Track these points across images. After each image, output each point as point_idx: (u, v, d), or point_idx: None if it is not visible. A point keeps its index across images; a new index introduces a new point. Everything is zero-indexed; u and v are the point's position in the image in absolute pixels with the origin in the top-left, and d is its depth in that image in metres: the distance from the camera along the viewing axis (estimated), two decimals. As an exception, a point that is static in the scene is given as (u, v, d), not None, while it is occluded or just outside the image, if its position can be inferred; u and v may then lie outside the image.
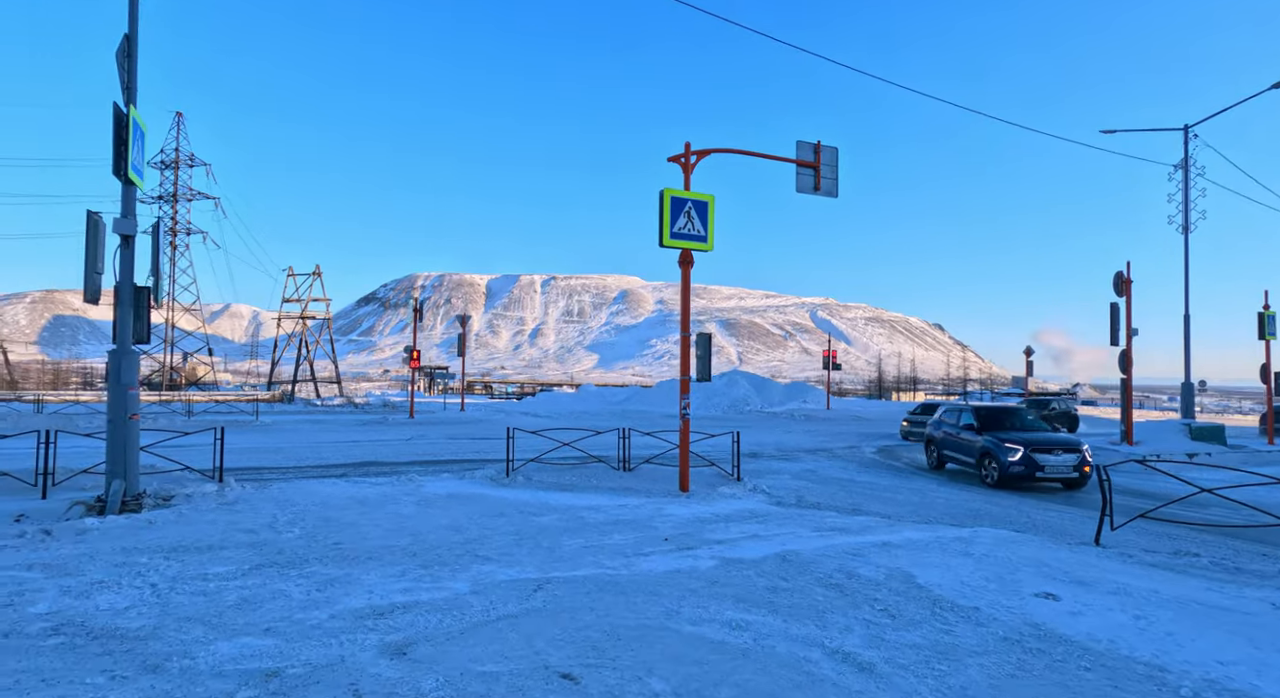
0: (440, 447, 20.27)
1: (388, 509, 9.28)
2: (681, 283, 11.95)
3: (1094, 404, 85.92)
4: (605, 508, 9.72)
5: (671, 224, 11.54)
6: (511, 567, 6.30)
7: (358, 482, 12.12)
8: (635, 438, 16.34)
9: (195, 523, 8.12)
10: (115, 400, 9.14)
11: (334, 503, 9.65)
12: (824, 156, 13.07)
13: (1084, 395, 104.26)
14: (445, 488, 11.39)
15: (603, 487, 12.03)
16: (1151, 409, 67.68)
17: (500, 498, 10.51)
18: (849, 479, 15.10)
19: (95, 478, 10.78)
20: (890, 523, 9.13)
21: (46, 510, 8.96)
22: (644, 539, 7.62)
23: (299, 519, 8.38)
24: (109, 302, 9.54)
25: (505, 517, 8.89)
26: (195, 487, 10.13)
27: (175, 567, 6.15)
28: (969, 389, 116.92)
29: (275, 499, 9.70)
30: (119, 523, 7.95)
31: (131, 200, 9.39)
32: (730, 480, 12.66)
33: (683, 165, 11.98)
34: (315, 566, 6.28)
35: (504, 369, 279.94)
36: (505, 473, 12.95)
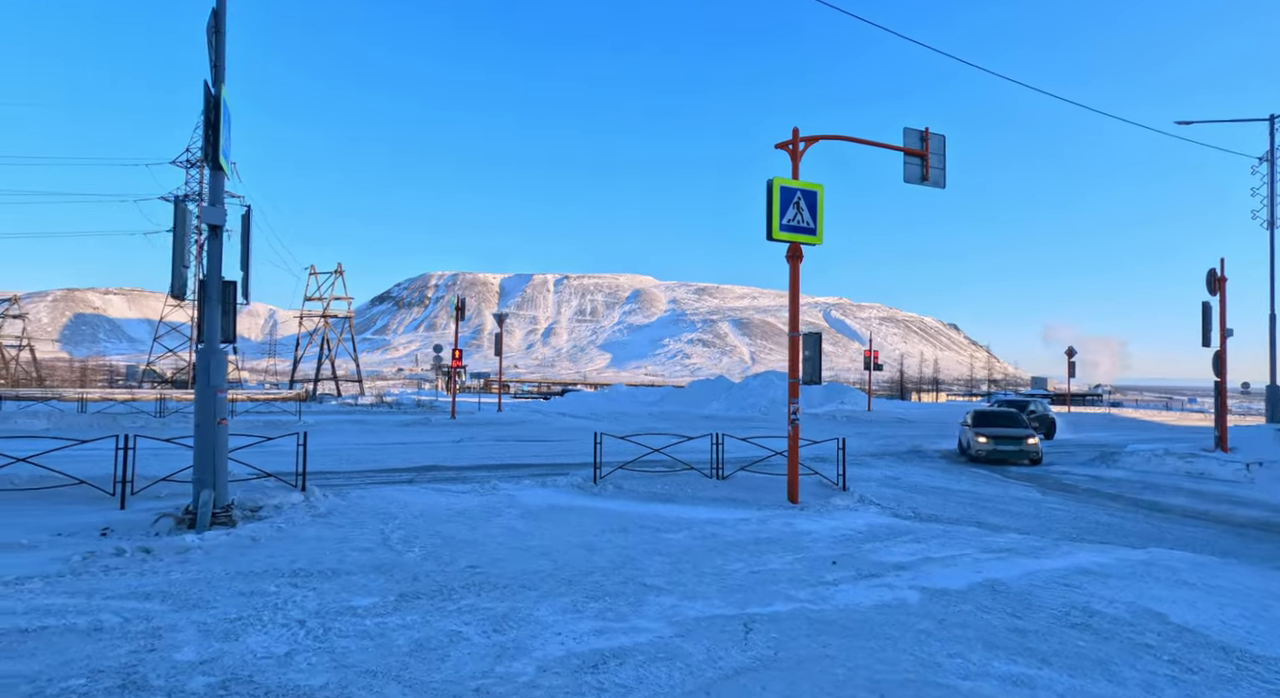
0: (495, 450, 19.54)
1: (496, 524, 8.52)
2: (790, 279, 11.12)
3: (1120, 406, 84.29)
4: (727, 522, 8.92)
5: (781, 215, 10.73)
6: (693, 600, 5.49)
7: (441, 490, 11.40)
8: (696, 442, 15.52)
9: (301, 540, 7.38)
10: (203, 403, 8.42)
11: (434, 515, 8.90)
12: (932, 144, 12.21)
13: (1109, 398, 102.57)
14: (539, 498, 10.62)
15: (702, 497, 11.23)
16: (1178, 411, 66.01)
17: (605, 510, 9.73)
18: (943, 487, 14.23)
19: (173, 486, 10.09)
20: (1053, 542, 8.26)
21: (131, 523, 8.26)
22: (808, 563, 6.80)
23: (412, 537, 7.62)
24: (127, 299, 8.85)
25: (630, 533, 8.10)
26: (281, 496, 9.40)
27: (312, 598, 5.39)
28: (990, 391, 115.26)
29: (372, 511, 8.96)
30: (220, 540, 7.22)
31: (220, 187, 8.67)
32: (835, 490, 11.82)
33: (791, 153, 11.16)
34: (467, 596, 5.51)
35: (517, 368, 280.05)
36: (593, 480, 12.18)
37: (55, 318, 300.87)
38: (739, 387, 44.92)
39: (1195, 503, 13.03)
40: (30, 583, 5.76)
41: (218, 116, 8.37)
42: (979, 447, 18.39)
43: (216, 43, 8.61)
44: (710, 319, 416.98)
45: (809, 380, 11.08)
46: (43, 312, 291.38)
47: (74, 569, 6.24)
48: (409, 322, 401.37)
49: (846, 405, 42.43)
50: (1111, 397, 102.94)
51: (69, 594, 5.44)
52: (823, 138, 11.38)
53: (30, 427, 20.66)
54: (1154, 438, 28.39)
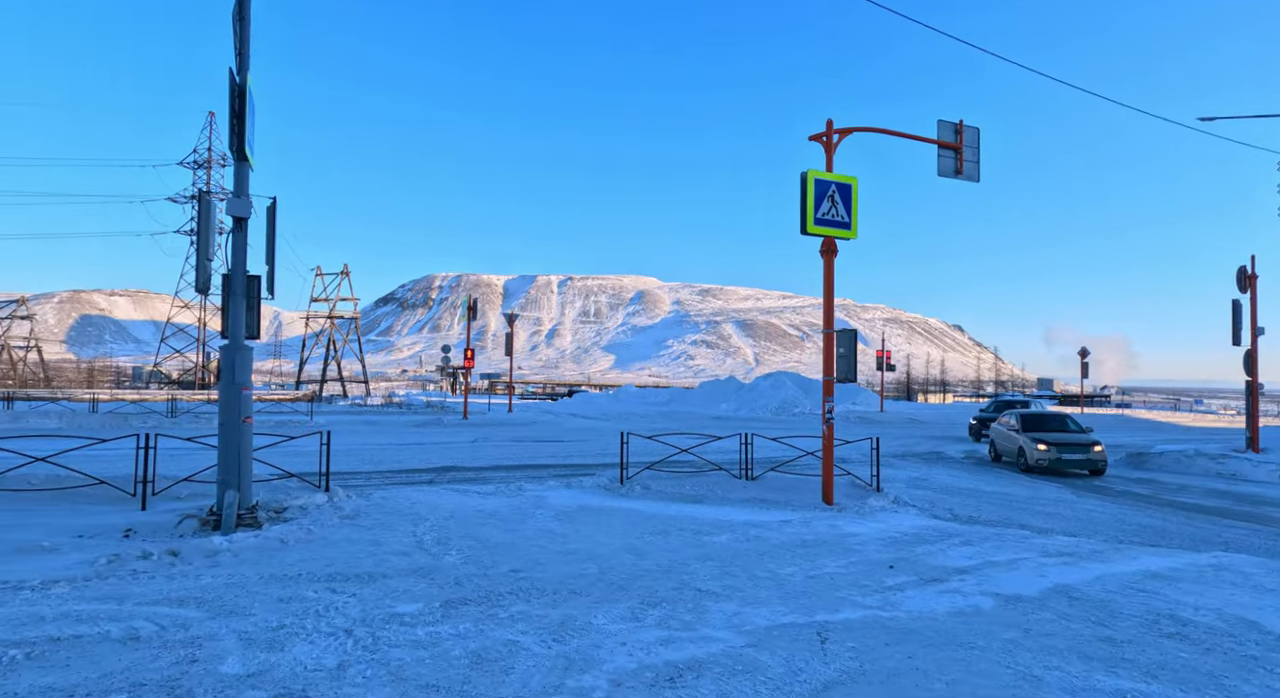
0: (512, 450, 19.25)
1: (530, 526, 8.23)
2: (825, 275, 10.81)
3: (1128, 407, 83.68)
4: (769, 524, 8.62)
5: (815, 209, 10.44)
6: (755, 606, 5.20)
7: (465, 491, 11.12)
8: (705, 440, 15.19)
9: (333, 543, 7.09)
10: (228, 402, 8.15)
11: (465, 517, 8.61)
12: (966, 137, 11.90)
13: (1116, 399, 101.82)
14: (568, 499, 10.33)
15: (733, 498, 10.93)
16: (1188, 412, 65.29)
17: (638, 511, 9.44)
18: (974, 489, 13.91)
19: (193, 486, 9.82)
20: (1112, 545, 7.95)
21: (155, 525, 7.98)
22: (863, 566, 6.50)
23: (446, 540, 7.33)
24: (132, 300, 8.59)
25: (670, 535, 7.81)
26: (306, 497, 9.13)
27: (354, 605, 5.11)
28: (999, 392, 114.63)
29: (400, 513, 8.68)
30: (248, 543, 6.94)
31: (245, 179, 8.40)
32: (869, 491, 11.51)
33: (825, 145, 10.86)
34: (516, 603, 5.22)
35: (521, 369, 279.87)
36: (619, 481, 11.89)
37: (61, 319, 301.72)
38: (749, 388, 44.59)
39: (1234, 505, 12.70)
40: (57, 587, 5.49)
41: (243, 106, 8.10)
42: (1039, 456, 16.43)
43: (241, 30, 8.34)
44: (714, 320, 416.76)
45: (843, 378, 10.76)
46: (49, 313, 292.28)
47: (100, 573, 5.97)
48: (413, 323, 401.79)
49: (859, 406, 42.08)
50: (1118, 398, 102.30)
51: (99, 599, 5.17)
52: (857, 130, 11.08)
53: (42, 426, 20.44)
54: (1175, 439, 27.99)
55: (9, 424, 20.63)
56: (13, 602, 5.09)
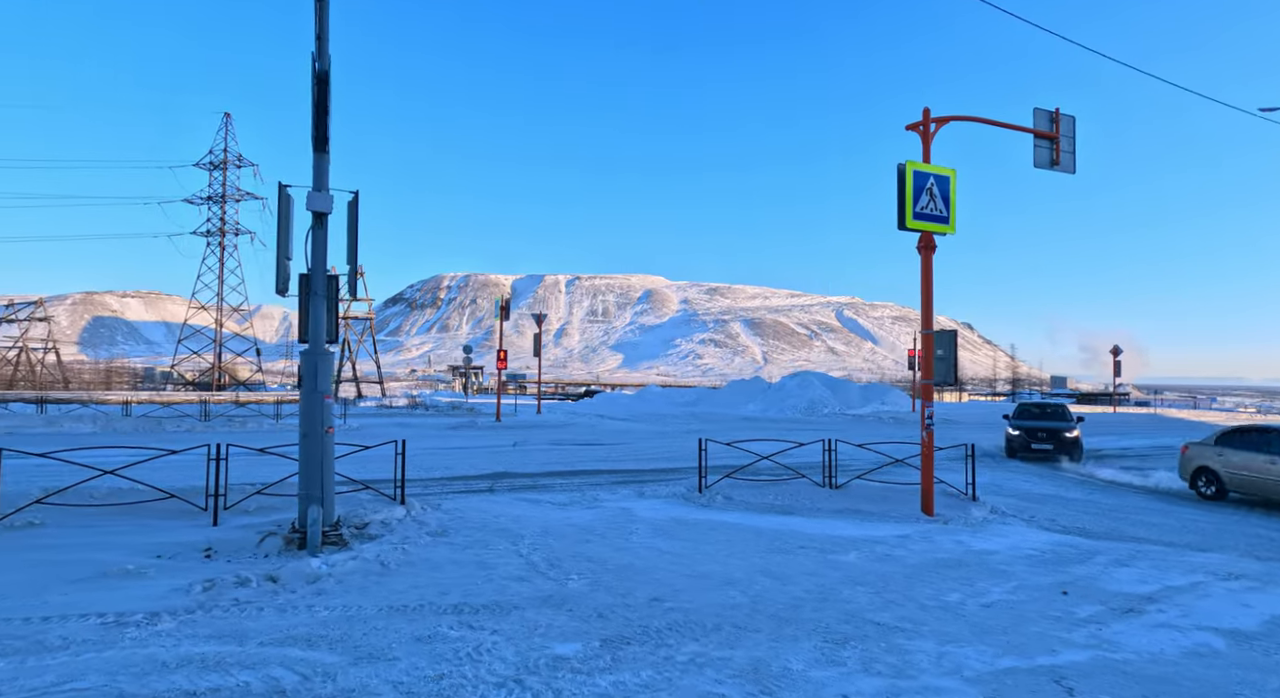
0: (558, 455, 18.66)
1: (635, 543, 7.64)
2: (922, 272, 10.18)
3: (1147, 405, 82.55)
4: (886, 540, 8.01)
5: (914, 203, 9.82)
6: (954, 644, 4.59)
7: (537, 501, 10.57)
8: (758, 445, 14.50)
9: (437, 566, 6.52)
10: (310, 410, 7.59)
11: (560, 533, 8.03)
12: (1062, 126, 11.27)
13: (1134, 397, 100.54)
14: (653, 511, 9.74)
15: (824, 508, 10.31)
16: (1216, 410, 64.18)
17: (737, 525, 8.84)
18: (1054, 495, 13.24)
19: (260, 499, 9.26)
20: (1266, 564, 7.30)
21: (234, 543, 7.43)
22: (1032, 592, 5.88)
23: (556, 561, 6.75)
24: (144, 302, 8.03)
25: (791, 553, 7.20)
26: (385, 511, 8.56)
27: (504, 645, 4.52)
28: (1016, 390, 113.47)
29: (488, 528, 8.10)
30: (349, 566, 6.37)
31: (324, 172, 7.83)
32: (964, 500, 10.88)
33: (922, 134, 10.23)
34: (685, 642, 4.62)
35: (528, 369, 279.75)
36: (698, 490, 11.29)
37: (74, 321, 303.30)
38: (775, 388, 43.90)
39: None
40: (161, 622, 4.94)
41: (324, 94, 7.55)
42: None
43: (320, 12, 7.78)
44: (722, 319, 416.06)
45: (941, 381, 10.14)
46: (62, 315, 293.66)
47: (201, 603, 5.41)
48: (421, 323, 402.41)
49: (888, 406, 41.34)
50: (1137, 396, 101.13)
51: (216, 638, 4.60)
52: (954, 118, 10.45)
53: (77, 430, 20.01)
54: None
55: (45, 429, 20.19)
56: (122, 642, 4.53)
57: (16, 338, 59.52)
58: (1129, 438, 28.21)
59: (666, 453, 19.34)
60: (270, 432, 23.09)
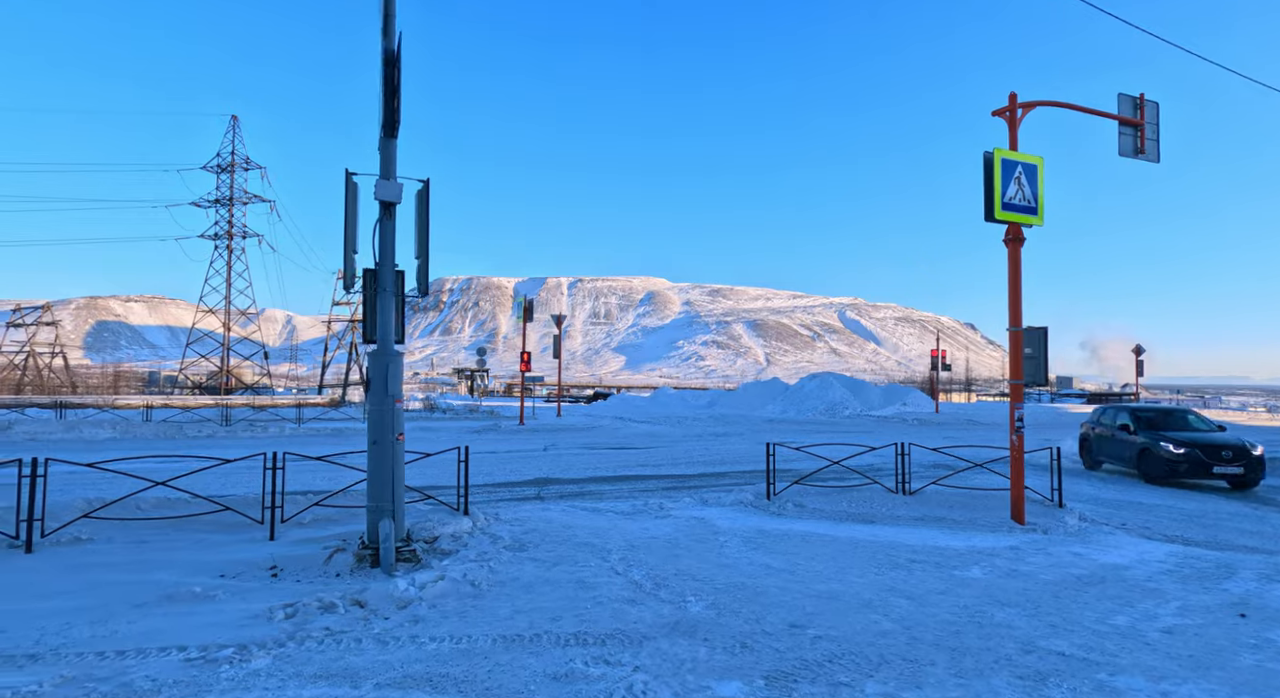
0: (595, 460, 18.08)
1: (732, 557, 7.07)
2: (1010, 266, 9.60)
3: (1156, 403, 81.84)
4: (999, 552, 7.43)
5: (1002, 192, 9.25)
6: (1174, 682, 4.02)
7: (598, 510, 9.99)
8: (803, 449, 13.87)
9: (531, 587, 5.95)
10: (379, 416, 7.02)
11: (646, 546, 7.46)
12: (1146, 113, 10.69)
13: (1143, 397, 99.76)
14: (729, 519, 9.18)
15: (905, 516, 9.73)
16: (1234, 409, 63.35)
17: (826, 536, 8.27)
18: (1134, 501, 12.62)
19: (318, 511, 8.69)
20: None
21: (300, 560, 6.86)
22: (1208, 615, 5.30)
23: (660, 579, 6.17)
24: (147, 306, 7.48)
25: (905, 569, 6.62)
26: (453, 523, 7.98)
27: (659, 688, 3.95)
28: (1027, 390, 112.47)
29: (566, 542, 7.53)
30: (439, 589, 5.79)
31: (392, 158, 7.28)
32: (1049, 506, 10.29)
33: (1008, 120, 9.66)
34: (859, 678, 4.05)
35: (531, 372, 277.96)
36: (766, 496, 10.72)
37: (78, 325, 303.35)
38: (794, 389, 43.32)
39: None
40: (253, 658, 4.37)
41: (394, 74, 6.99)
42: None
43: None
44: (724, 321, 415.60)
45: (1031, 382, 9.55)
46: (66, 319, 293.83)
47: (290, 634, 4.84)
48: (424, 326, 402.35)
49: (909, 407, 40.76)
50: (1145, 396, 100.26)
51: (324, 678, 4.04)
52: (1040, 104, 9.87)
53: (97, 436, 19.47)
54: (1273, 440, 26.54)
55: (64, 434, 19.66)
56: (218, 684, 3.96)
57: (24, 342, 59.07)
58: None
59: (705, 456, 18.78)
60: (294, 437, 22.53)
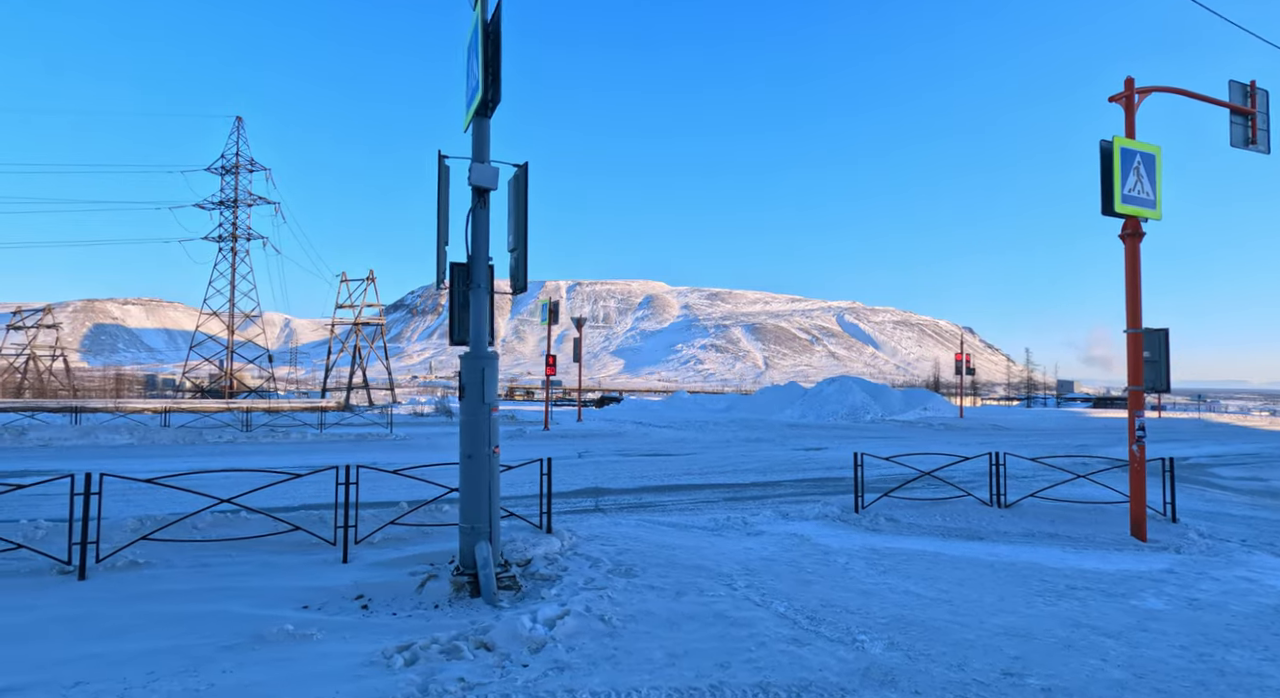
0: (634, 467, 17.34)
1: (864, 582, 6.35)
2: (1127, 263, 8.90)
3: (1162, 408, 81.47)
4: (1153, 576, 6.72)
5: (1122, 184, 8.58)
6: None
7: (679, 526, 9.29)
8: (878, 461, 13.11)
9: (673, 624, 5.20)
10: (475, 427, 6.29)
11: (761, 569, 6.73)
12: (1258, 101, 10.03)
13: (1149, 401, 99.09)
14: (831, 537, 8.45)
15: (1010, 532, 9.02)
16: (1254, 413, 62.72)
17: (942, 555, 7.55)
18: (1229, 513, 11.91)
19: (385, 530, 7.93)
20: None
21: (386, 588, 6.11)
22: None
23: (811, 612, 5.44)
24: (145, 309, 6.75)
25: (1074, 600, 5.90)
26: (544, 544, 7.25)
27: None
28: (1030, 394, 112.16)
29: (682, 566, 6.79)
30: (566, 626, 5.04)
31: (486, 140, 6.56)
32: (1163, 521, 9.58)
33: (1125, 106, 8.99)
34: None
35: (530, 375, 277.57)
36: (854, 509, 10.00)
37: (75, 328, 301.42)
38: (813, 393, 42.62)
39: None
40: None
41: (494, 45, 6.27)
42: None
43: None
44: (723, 324, 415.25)
45: (1153, 388, 8.85)
46: (64, 322, 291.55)
47: (420, 687, 4.10)
48: (422, 330, 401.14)
49: (930, 411, 40.09)
50: (1149, 400, 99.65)
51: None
52: (1156, 90, 9.20)
53: (114, 442, 18.65)
54: None
55: (80, 440, 18.83)
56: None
57: (23, 345, 58.11)
58: (1201, 445, 26.88)
59: (747, 464, 18.05)
60: (317, 443, 21.73)
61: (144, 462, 16.21)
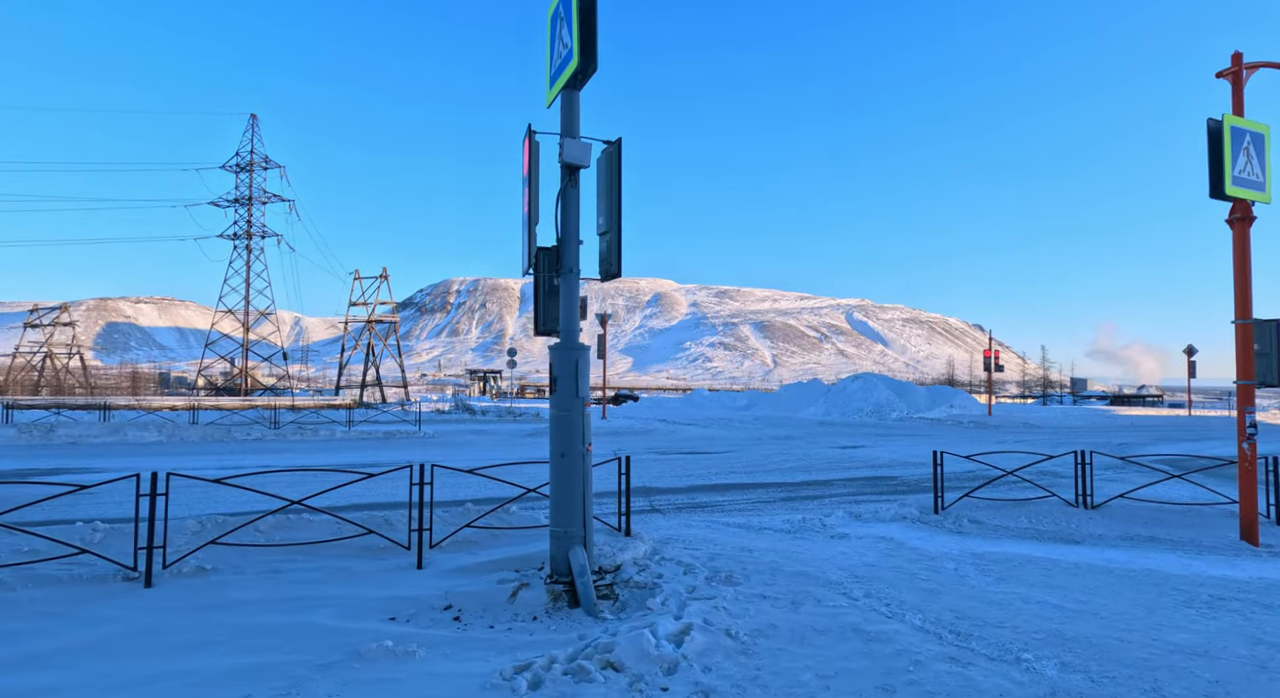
0: (675, 466, 16.89)
1: (984, 590, 5.86)
2: (1235, 250, 8.36)
3: (1180, 407, 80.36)
4: None
5: (1232, 164, 8.04)
6: None
7: (750, 527, 8.96)
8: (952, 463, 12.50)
9: (803, 639, 4.73)
10: (568, 423, 5.83)
11: (870, 576, 6.25)
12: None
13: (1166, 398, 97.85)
14: (921, 539, 7.97)
15: (1106, 536, 8.51)
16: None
17: (1053, 560, 7.06)
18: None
19: (459, 533, 7.49)
20: None
21: (474, 596, 5.66)
22: None
23: (956, 628, 4.95)
24: (157, 307, 6.24)
25: (1239, 614, 5.39)
26: (628, 547, 6.78)
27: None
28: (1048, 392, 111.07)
29: (784, 573, 6.32)
30: (696, 644, 4.57)
31: (577, 112, 6.09)
32: (1268, 523, 9.04)
33: (1233, 82, 8.44)
34: None
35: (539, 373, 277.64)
36: (934, 510, 9.50)
37: (89, 326, 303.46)
38: (836, 390, 42.05)
39: None
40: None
41: (590, 10, 5.79)
42: None
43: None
44: (731, 322, 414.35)
45: (1263, 383, 8.32)
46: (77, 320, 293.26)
47: (558, 714, 3.64)
48: (431, 328, 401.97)
49: (957, 409, 39.44)
50: (1161, 398, 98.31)
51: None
52: (1266, 65, 8.64)
53: (143, 439, 18.31)
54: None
55: (109, 437, 18.50)
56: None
57: (41, 343, 58.14)
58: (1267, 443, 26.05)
59: (789, 462, 17.58)
60: (346, 441, 21.36)
61: (176, 460, 15.85)
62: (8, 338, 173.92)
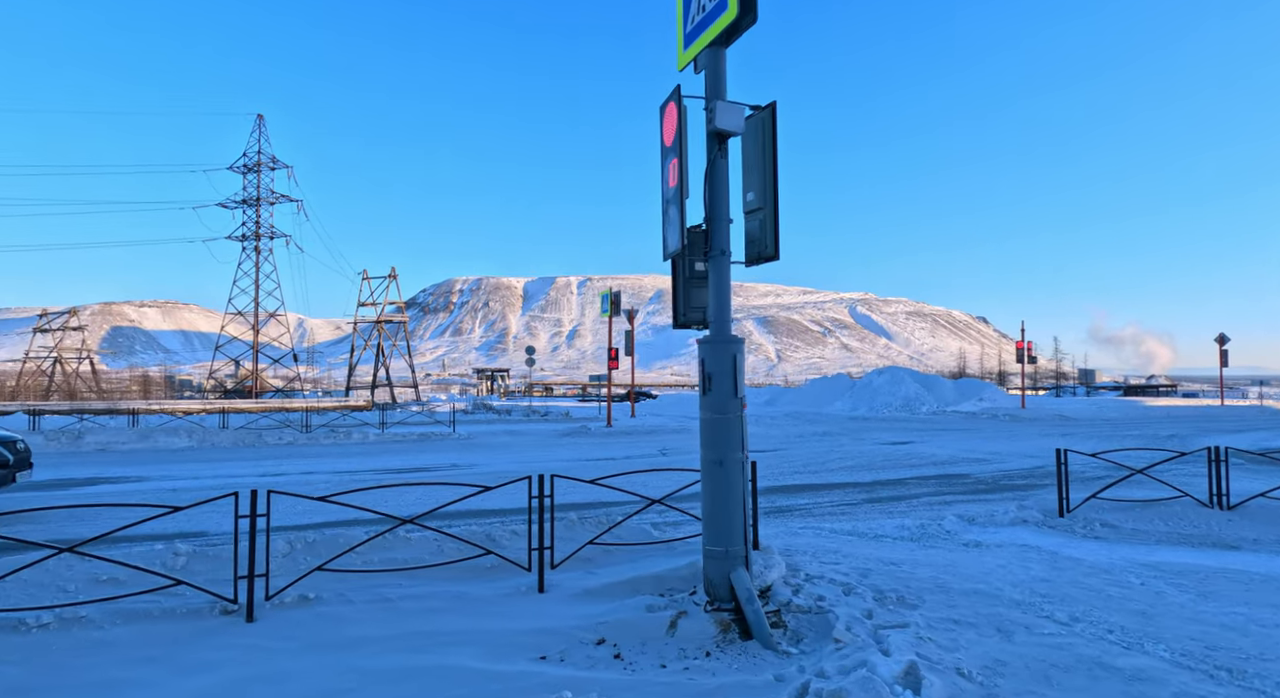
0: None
1: (1201, 612, 5.13)
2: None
3: (1195, 396, 79.43)
4: None
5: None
6: None
7: (872, 537, 8.16)
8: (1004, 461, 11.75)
9: (1048, 680, 4.01)
10: (724, 426, 5.12)
11: (1048, 594, 5.52)
12: None
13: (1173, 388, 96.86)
14: (1077, 549, 7.25)
15: (1260, 538, 7.78)
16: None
17: (1235, 570, 6.32)
18: None
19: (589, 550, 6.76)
20: None
21: (626, 627, 4.94)
22: None
23: (1222, 662, 4.23)
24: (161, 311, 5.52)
25: None
26: (773, 566, 6.05)
27: None
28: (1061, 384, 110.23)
29: (956, 591, 5.59)
30: (935, 689, 3.85)
31: (722, 77, 5.34)
32: None
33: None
34: None
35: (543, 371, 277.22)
36: (1059, 513, 8.77)
37: (94, 330, 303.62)
38: (862, 385, 41.31)
39: None
40: None
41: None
42: None
43: None
44: (734, 318, 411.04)
45: None
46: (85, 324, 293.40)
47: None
48: (434, 327, 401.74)
49: (987, 402, 38.69)
50: (1174, 388, 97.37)
51: None
52: None
53: (173, 445, 17.63)
54: None
55: (139, 444, 17.81)
56: None
57: (50, 348, 57.54)
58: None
59: (848, 461, 16.85)
60: (379, 444, 20.63)
61: (210, 465, 15.16)
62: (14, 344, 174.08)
